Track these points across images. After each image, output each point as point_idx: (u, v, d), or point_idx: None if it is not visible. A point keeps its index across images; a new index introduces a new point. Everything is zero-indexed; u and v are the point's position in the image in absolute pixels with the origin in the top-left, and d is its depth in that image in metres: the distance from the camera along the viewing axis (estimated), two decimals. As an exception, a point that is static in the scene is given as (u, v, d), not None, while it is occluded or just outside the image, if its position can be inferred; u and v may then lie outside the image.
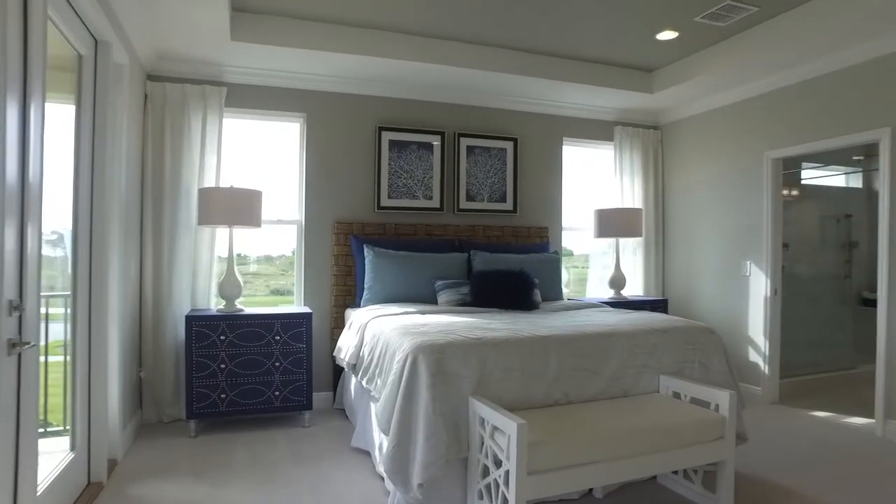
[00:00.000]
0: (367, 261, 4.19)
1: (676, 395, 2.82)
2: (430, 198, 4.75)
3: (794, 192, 6.15)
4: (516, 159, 4.99)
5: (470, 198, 4.87)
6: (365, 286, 4.18)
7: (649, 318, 3.24)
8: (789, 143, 4.32)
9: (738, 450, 3.17)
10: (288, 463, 3.20)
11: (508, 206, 4.98)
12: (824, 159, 6.43)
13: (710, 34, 4.10)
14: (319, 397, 4.36)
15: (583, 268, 5.68)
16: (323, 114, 4.49)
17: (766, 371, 4.47)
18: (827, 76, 4.05)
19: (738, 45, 4.09)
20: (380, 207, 4.61)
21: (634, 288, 5.38)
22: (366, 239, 4.44)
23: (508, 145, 4.97)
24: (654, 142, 5.52)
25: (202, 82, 4.09)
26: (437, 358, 2.48)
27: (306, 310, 3.96)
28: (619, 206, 5.34)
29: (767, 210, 4.49)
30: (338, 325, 4.41)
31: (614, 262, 5.05)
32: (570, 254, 5.59)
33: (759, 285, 4.54)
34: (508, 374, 2.59)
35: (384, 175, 4.62)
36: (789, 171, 5.55)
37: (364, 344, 3.36)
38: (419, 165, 4.71)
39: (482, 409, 2.35)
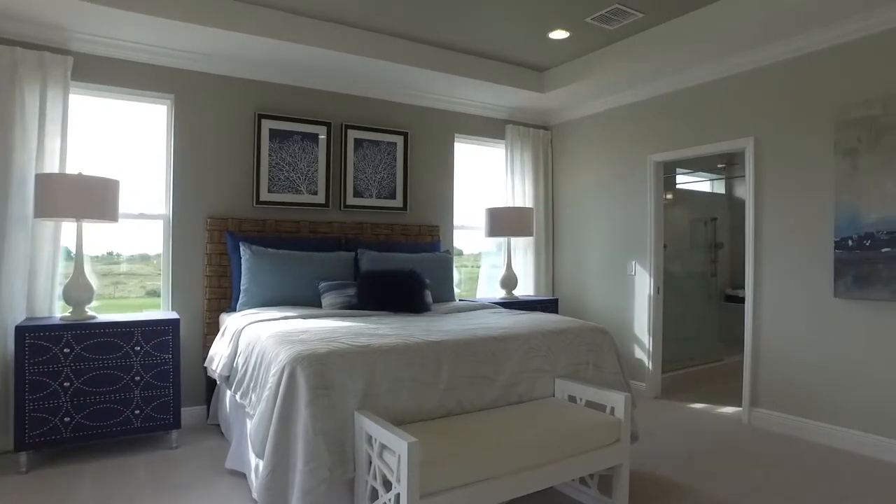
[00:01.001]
0: (243, 260, 3.80)
1: (572, 399, 2.76)
2: (315, 193, 4.42)
3: (669, 196, 6.50)
4: (406, 154, 4.79)
5: (358, 194, 4.61)
6: (241, 288, 3.78)
7: (543, 320, 3.17)
8: (670, 148, 4.49)
9: (631, 448, 3.19)
10: (148, 495, 2.76)
11: (398, 203, 4.77)
12: (693, 165, 6.87)
13: (600, 37, 4.15)
14: (191, 413, 3.89)
15: (473, 267, 5.61)
16: (194, 96, 4.01)
17: (650, 367, 4.63)
18: (703, 86, 4.25)
19: (625, 50, 4.18)
20: (259, 202, 4.21)
21: (525, 288, 5.39)
22: (243, 236, 4.03)
23: (398, 139, 4.76)
24: (544, 142, 5.56)
25: (40, 47, 3.46)
26: (317, 369, 2.21)
27: (173, 315, 3.50)
28: (511, 205, 5.32)
29: (651, 211, 4.64)
30: (212, 331, 3.96)
31: (505, 261, 5.01)
32: (460, 253, 5.49)
33: (644, 284, 4.69)
34: (398, 385, 2.37)
35: (264, 167, 4.23)
36: (667, 175, 5.84)
37: (238, 353, 3.00)
38: (303, 158, 4.37)
39: (369, 426, 2.12)
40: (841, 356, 3.46)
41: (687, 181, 6.92)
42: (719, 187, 7.43)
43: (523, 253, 5.38)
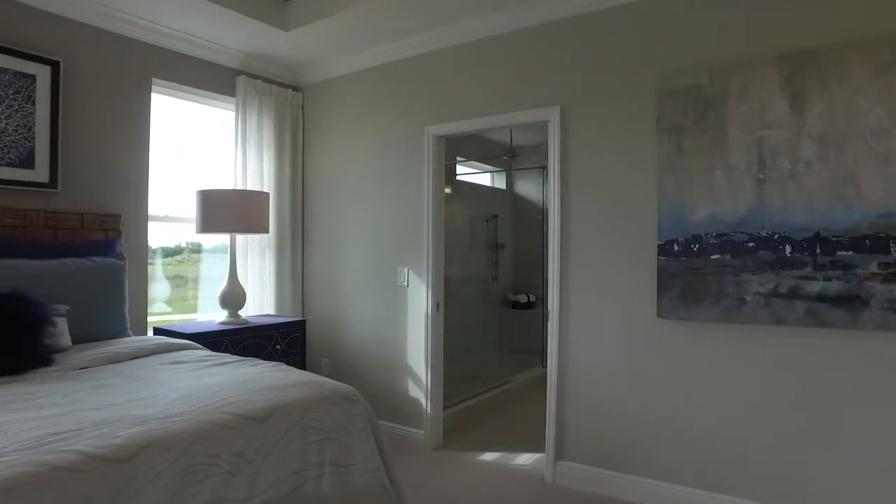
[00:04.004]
0: None
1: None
2: None
3: (448, 190, 5.58)
4: (58, 97, 2.95)
5: (-49, 155, 2.66)
6: None
7: (241, 388, 1.73)
8: (454, 118, 3.40)
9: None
10: None
11: (40, 175, 2.90)
12: (470, 154, 6.05)
13: (361, -55, 2.87)
14: None
15: (189, 266, 3.97)
16: None
17: (429, 408, 3.48)
18: (497, 39, 3.23)
19: (397, -30, 2.96)
20: None
21: (264, 305, 3.89)
22: None
23: (42, 72, 2.90)
24: (293, 107, 4.12)
25: None
26: None
27: None
28: (241, 187, 3.77)
29: (429, 201, 3.51)
30: None
31: (229, 269, 3.45)
32: (199, 249, 3.84)
33: (420, 298, 3.54)
34: None
35: None
36: (446, 162, 4.86)
37: None
38: None
39: None
40: (664, 394, 2.68)
41: (464, 172, 6.09)
42: (500, 181, 6.79)
43: (259, 256, 3.87)
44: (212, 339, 3.09)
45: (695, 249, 2.56)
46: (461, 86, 3.37)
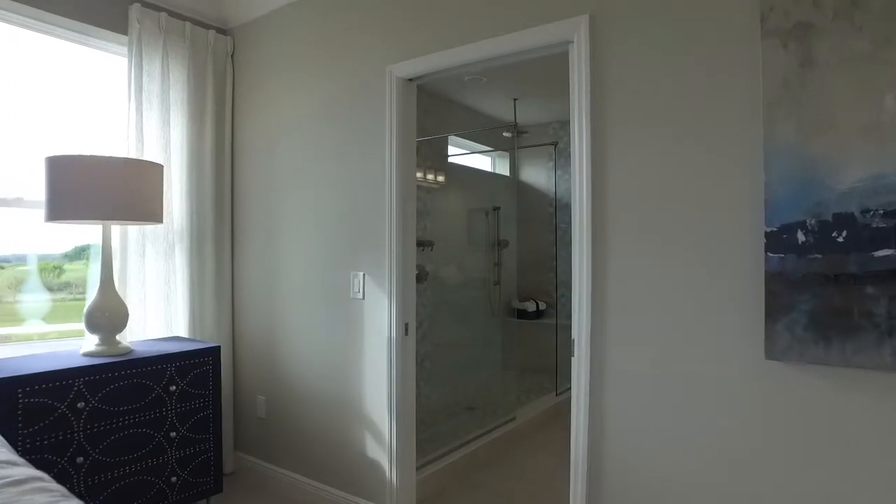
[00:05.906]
0: None
1: None
2: None
3: (441, 178, 4.50)
4: None
5: None
6: None
7: None
8: (426, 49, 2.29)
9: None
10: None
11: None
12: (462, 127, 4.92)
13: None
14: None
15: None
16: None
17: (394, 476, 2.37)
18: (488, -77, 2.13)
19: None
20: None
21: (174, 324, 2.79)
22: None
23: None
24: (218, 54, 3.02)
25: None
26: None
27: None
28: (133, 156, 2.66)
29: (392, 175, 2.39)
30: None
31: (101, 272, 2.36)
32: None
33: (380, 315, 2.43)
34: None
35: None
36: (423, 136, 3.80)
37: None
38: None
39: None
40: (775, 497, 1.56)
41: (458, 153, 4.98)
42: (502, 167, 5.69)
43: (165, 257, 2.77)
44: (56, 382, 2.02)
45: (839, 240, 1.44)
46: (434, 3, 2.26)
